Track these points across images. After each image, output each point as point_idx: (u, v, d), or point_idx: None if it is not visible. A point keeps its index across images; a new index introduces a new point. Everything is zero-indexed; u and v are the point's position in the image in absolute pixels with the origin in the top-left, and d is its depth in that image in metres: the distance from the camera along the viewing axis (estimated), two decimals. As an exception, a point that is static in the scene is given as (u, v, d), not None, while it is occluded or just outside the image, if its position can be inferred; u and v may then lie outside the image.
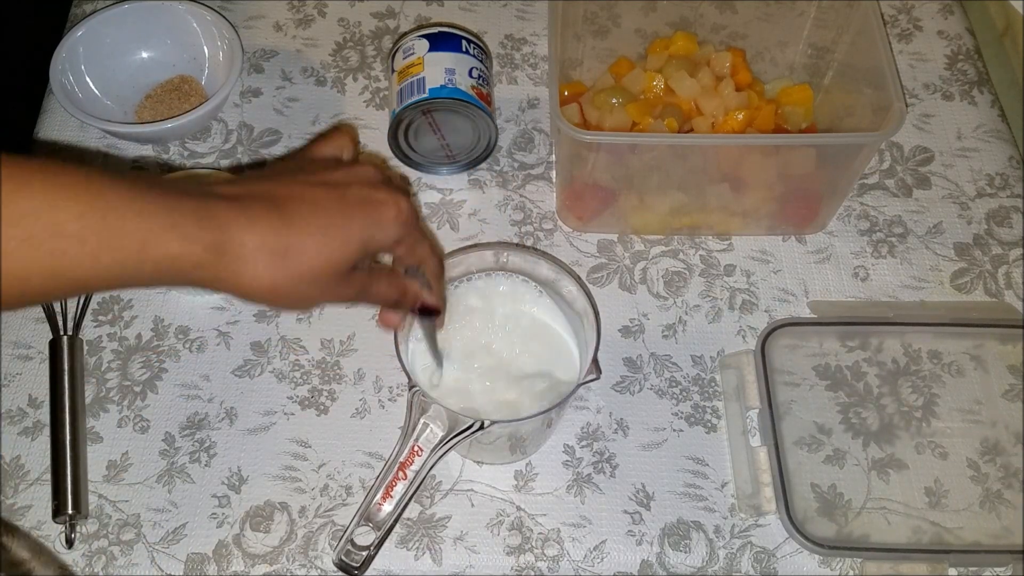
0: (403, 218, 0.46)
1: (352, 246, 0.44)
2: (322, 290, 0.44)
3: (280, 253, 0.41)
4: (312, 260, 0.42)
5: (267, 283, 0.42)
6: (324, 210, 0.43)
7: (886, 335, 0.66)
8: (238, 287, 0.42)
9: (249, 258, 0.41)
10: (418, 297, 0.51)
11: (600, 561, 0.59)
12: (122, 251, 0.38)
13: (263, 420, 0.63)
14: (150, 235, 0.38)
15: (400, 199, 0.47)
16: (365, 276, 0.47)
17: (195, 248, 0.39)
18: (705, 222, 0.71)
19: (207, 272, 0.40)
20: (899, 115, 0.61)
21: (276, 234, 0.42)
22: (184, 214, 0.40)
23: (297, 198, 0.43)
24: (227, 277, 0.41)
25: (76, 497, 0.59)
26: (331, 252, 0.43)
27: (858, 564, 0.59)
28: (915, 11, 0.84)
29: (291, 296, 0.43)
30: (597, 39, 0.76)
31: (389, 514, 0.51)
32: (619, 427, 0.64)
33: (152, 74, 0.77)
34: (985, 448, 0.63)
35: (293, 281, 0.42)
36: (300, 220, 0.42)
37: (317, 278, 0.43)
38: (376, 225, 0.45)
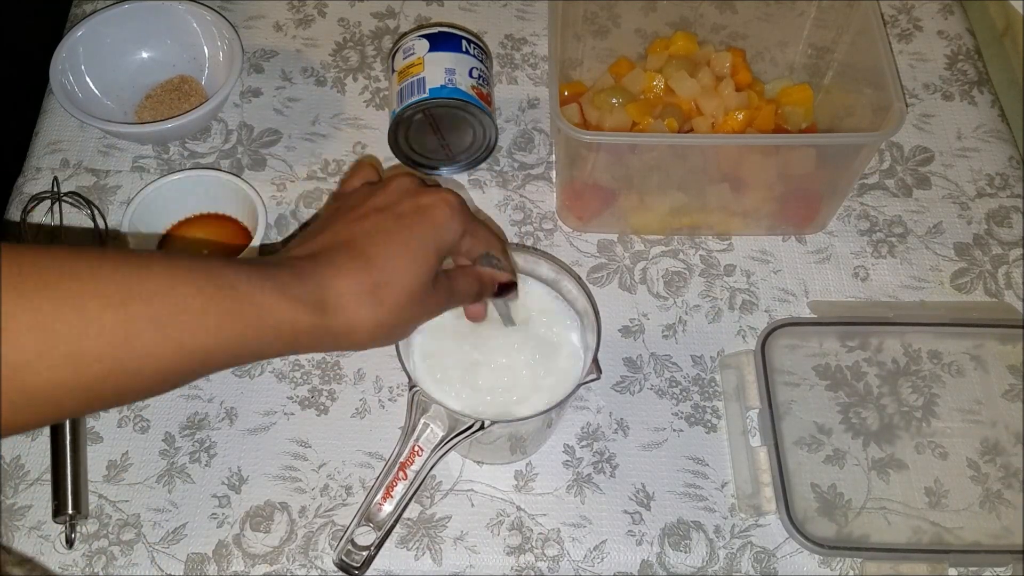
0: (456, 212, 0.48)
1: (429, 256, 0.46)
2: (420, 308, 0.46)
3: (374, 290, 0.43)
4: (403, 285, 0.44)
5: (374, 321, 0.43)
6: (391, 236, 0.45)
7: (886, 335, 0.66)
8: (350, 337, 0.43)
9: (351, 305, 0.43)
10: (495, 280, 0.52)
11: (600, 561, 0.59)
12: (243, 321, 0.40)
13: (263, 420, 0.63)
14: (264, 302, 0.40)
15: (447, 195, 0.48)
16: (447, 281, 0.48)
17: (304, 309, 0.41)
18: (705, 222, 0.71)
19: (319, 331, 0.42)
20: (899, 115, 0.61)
21: (365, 274, 0.43)
22: (285, 279, 0.42)
23: (362, 235, 0.45)
24: (340, 329, 0.43)
25: (76, 497, 0.59)
26: (415, 270, 0.45)
27: (858, 564, 0.59)
28: (915, 11, 0.84)
29: (397, 327, 0.45)
30: (597, 39, 0.76)
31: (389, 514, 0.51)
32: (619, 427, 0.64)
33: (152, 74, 0.77)
34: (985, 448, 0.63)
35: (395, 312, 0.44)
36: (377, 254, 0.44)
37: (413, 299, 0.45)
38: (438, 228, 0.47)
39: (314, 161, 0.74)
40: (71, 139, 0.75)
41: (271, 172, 0.74)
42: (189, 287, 0.39)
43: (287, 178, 0.73)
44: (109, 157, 0.74)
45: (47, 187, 0.71)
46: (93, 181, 0.73)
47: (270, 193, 0.72)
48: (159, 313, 0.38)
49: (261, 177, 0.73)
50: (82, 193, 0.71)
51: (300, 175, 0.74)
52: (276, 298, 0.41)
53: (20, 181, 0.73)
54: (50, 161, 0.74)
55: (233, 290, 0.40)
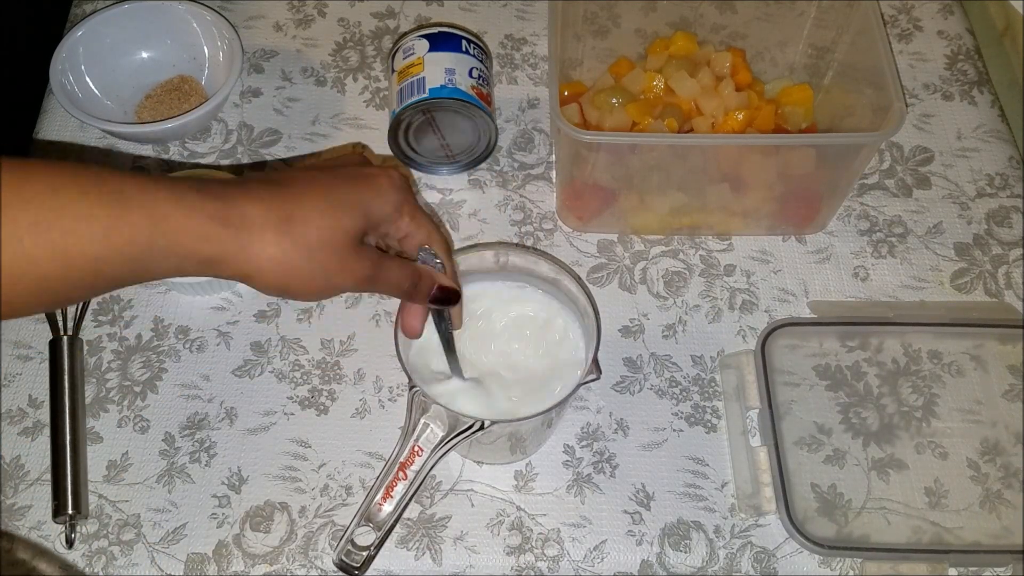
0: (397, 185, 0.47)
1: (355, 212, 0.44)
2: (336, 262, 0.43)
3: (285, 220, 0.41)
4: (318, 227, 0.42)
5: (279, 255, 0.41)
6: (320, 183, 0.44)
7: (886, 335, 0.66)
8: (250, 263, 0.41)
9: (256, 229, 0.40)
10: (433, 279, 0.50)
11: (600, 561, 0.59)
12: (132, 226, 0.38)
13: (263, 420, 0.63)
14: (156, 208, 0.38)
15: (391, 171, 0.47)
16: (376, 254, 0.46)
17: (201, 220, 0.39)
18: (705, 222, 0.71)
19: (216, 247, 0.40)
20: (899, 115, 0.61)
21: (280, 203, 0.41)
22: (185, 191, 0.39)
23: (291, 178, 0.44)
24: (236, 252, 0.40)
25: (76, 497, 0.59)
26: (335, 217, 0.43)
27: (858, 564, 0.59)
28: (915, 11, 0.84)
29: (306, 270, 0.42)
30: (597, 39, 0.76)
31: (389, 514, 0.51)
32: (619, 427, 0.64)
33: (152, 74, 0.77)
34: (985, 448, 0.63)
35: (303, 253, 0.42)
36: (299, 192, 0.43)
37: (326, 245, 0.42)
38: (373, 192, 0.45)
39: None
40: (71, 139, 0.75)
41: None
42: (72, 191, 0.37)
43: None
44: (109, 157, 0.74)
45: (47, 187, 0.71)
46: (93, 181, 0.73)
47: (270, 193, 0.72)
48: (38, 218, 0.36)
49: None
50: (82, 193, 0.71)
51: (300, 175, 0.74)
52: (171, 205, 0.39)
53: (20, 181, 0.73)
54: (50, 161, 0.74)
55: (121, 194, 0.38)
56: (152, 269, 0.40)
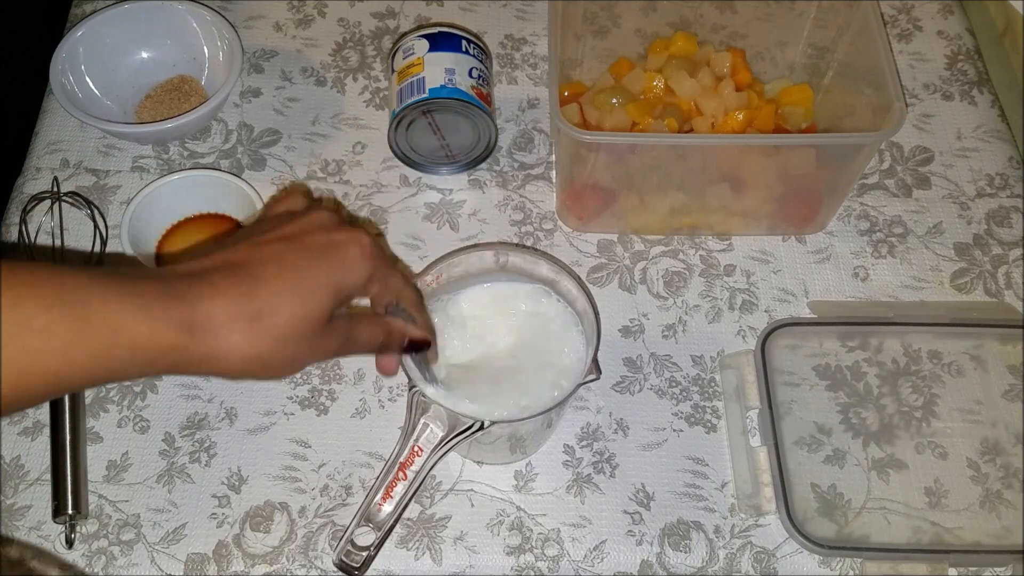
0: (367, 254, 0.45)
1: (325, 294, 0.43)
2: (305, 348, 0.43)
3: (254, 317, 0.40)
4: (288, 318, 0.41)
5: (248, 352, 0.40)
6: (288, 265, 0.42)
7: (886, 335, 0.66)
8: (218, 364, 0.40)
9: (223, 330, 0.39)
10: (404, 333, 0.50)
11: (600, 561, 0.59)
12: (92, 340, 0.37)
13: (263, 420, 0.63)
14: (118, 321, 0.37)
15: (360, 236, 0.46)
16: (345, 324, 0.46)
17: (165, 329, 0.38)
18: (705, 222, 0.71)
19: (183, 354, 0.39)
20: (899, 115, 0.61)
21: (246, 300, 0.40)
22: (149, 296, 0.38)
23: (258, 260, 0.42)
24: (204, 354, 0.39)
25: (76, 497, 0.59)
26: (305, 305, 0.42)
27: (858, 564, 0.59)
28: (915, 11, 0.84)
29: (275, 361, 0.42)
30: (597, 39, 0.76)
31: (389, 514, 0.51)
32: (619, 427, 0.64)
33: (152, 74, 0.77)
34: (985, 448, 0.63)
35: (273, 345, 0.41)
36: (266, 281, 0.41)
37: (297, 336, 0.42)
38: (343, 268, 0.44)
39: (314, 161, 0.74)
40: (71, 139, 0.75)
41: (271, 172, 0.74)
42: (36, 305, 0.36)
43: (287, 178, 0.73)
44: (109, 157, 0.74)
45: (47, 187, 0.71)
46: (93, 181, 0.73)
47: (270, 193, 0.72)
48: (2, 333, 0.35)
49: (261, 177, 0.73)
50: (82, 193, 0.71)
51: (300, 175, 0.74)
52: (133, 316, 0.37)
53: (20, 181, 0.73)
54: (50, 161, 0.74)
55: (84, 306, 0.37)
56: (113, 377, 0.39)
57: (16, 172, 0.74)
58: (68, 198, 0.71)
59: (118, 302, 0.37)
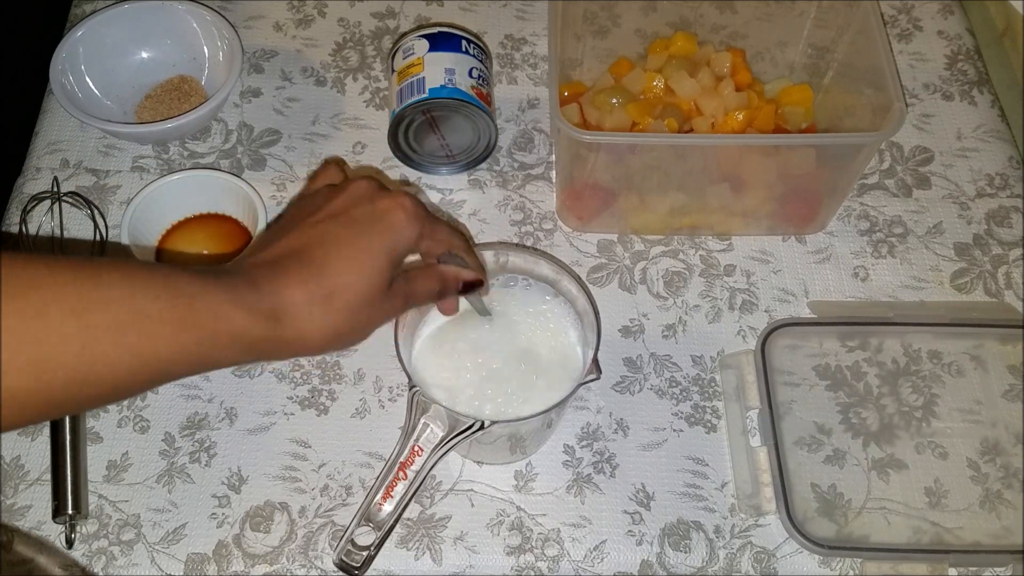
0: (412, 214, 0.48)
1: (382, 261, 0.46)
2: (375, 313, 0.46)
3: (327, 298, 0.44)
4: (356, 292, 0.45)
5: (329, 330, 0.44)
6: (343, 243, 0.45)
7: (886, 335, 0.66)
8: (305, 345, 0.44)
9: (304, 314, 0.43)
10: (459, 278, 0.53)
11: (600, 561, 0.59)
12: (199, 329, 0.40)
13: (263, 420, 0.63)
14: (220, 310, 0.40)
15: (403, 199, 0.48)
16: (404, 283, 0.49)
17: (257, 319, 0.41)
18: (705, 222, 0.71)
19: (273, 340, 0.43)
20: (899, 115, 0.61)
21: (316, 283, 0.44)
22: (241, 289, 0.42)
23: (316, 242, 0.45)
24: (292, 338, 0.43)
25: (76, 497, 0.59)
26: (367, 276, 0.45)
27: (858, 564, 0.59)
28: (915, 11, 0.84)
29: (351, 331, 0.46)
30: (597, 39, 0.76)
31: (389, 514, 0.51)
32: (619, 427, 0.64)
33: (152, 74, 0.77)
34: (985, 448, 0.63)
35: (348, 320, 0.45)
36: (328, 262, 0.44)
37: (366, 306, 0.45)
38: (393, 233, 0.47)
39: (314, 161, 0.74)
40: (71, 139, 0.75)
41: (271, 172, 0.74)
42: (146, 295, 0.39)
43: (287, 178, 0.73)
44: (109, 157, 0.74)
45: (47, 187, 0.71)
46: (93, 181, 0.73)
47: (270, 193, 0.72)
48: (114, 321, 0.38)
49: (261, 177, 0.73)
50: (82, 193, 0.71)
51: (300, 175, 0.74)
52: (231, 307, 0.41)
53: (20, 181, 0.73)
54: (50, 161, 0.74)
55: (190, 298, 0.40)
56: (210, 364, 0.42)
57: (16, 172, 0.74)
58: (68, 198, 0.71)
59: (217, 294, 0.41)
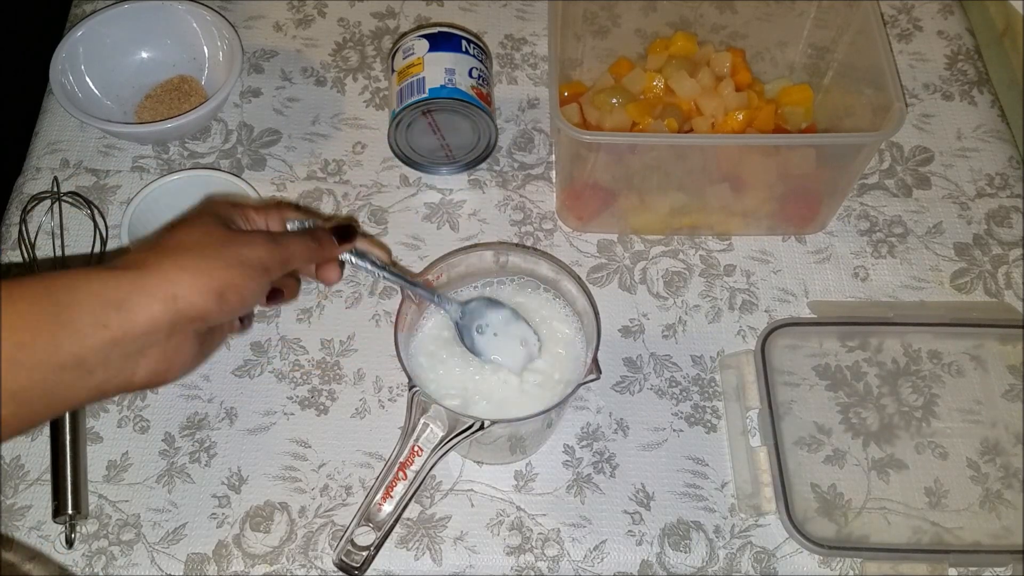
0: (223, 200, 0.50)
1: (205, 217, 0.47)
2: (235, 248, 0.46)
3: (173, 250, 0.44)
4: (192, 241, 0.45)
5: (191, 261, 0.44)
6: (176, 225, 0.47)
7: (886, 335, 0.66)
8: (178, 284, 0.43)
9: (162, 261, 0.44)
10: (324, 228, 0.52)
11: (600, 561, 0.59)
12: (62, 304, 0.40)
13: (263, 420, 0.63)
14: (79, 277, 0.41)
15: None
16: (268, 236, 0.48)
17: (116, 270, 0.42)
18: (705, 222, 0.71)
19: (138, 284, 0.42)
20: (899, 115, 0.61)
21: (158, 244, 0.45)
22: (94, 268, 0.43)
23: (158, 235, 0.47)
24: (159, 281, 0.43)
25: (76, 497, 0.59)
26: (194, 228, 0.46)
27: (858, 564, 0.59)
28: (915, 11, 0.84)
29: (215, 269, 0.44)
30: (597, 39, 0.76)
31: (389, 514, 0.51)
32: (619, 427, 0.64)
33: (152, 74, 0.77)
34: (985, 448, 0.63)
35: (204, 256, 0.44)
36: (165, 234, 0.46)
37: (216, 244, 0.45)
38: (206, 204, 0.50)
39: (314, 161, 0.74)
40: (71, 139, 0.75)
41: (271, 172, 0.74)
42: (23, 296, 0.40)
43: (287, 178, 0.73)
44: (109, 157, 0.74)
45: (47, 187, 0.71)
46: (93, 181, 0.73)
47: (270, 193, 0.72)
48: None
49: (261, 177, 0.73)
50: (82, 193, 0.71)
51: (300, 175, 0.74)
52: (89, 272, 0.41)
53: (20, 181, 0.73)
54: (50, 161, 0.74)
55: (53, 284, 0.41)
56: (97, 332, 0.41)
57: (16, 172, 0.74)
58: (68, 198, 0.71)
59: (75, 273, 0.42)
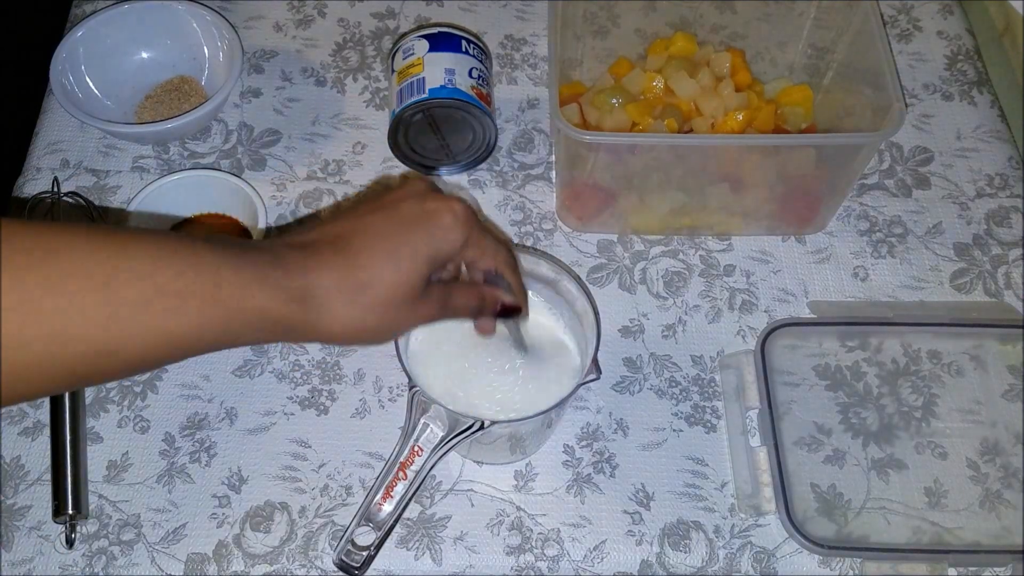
0: (461, 219, 0.46)
1: (420, 261, 0.45)
2: (405, 314, 0.45)
3: (357, 288, 0.43)
4: (388, 287, 0.43)
5: (355, 321, 0.43)
6: (385, 236, 0.44)
7: (886, 335, 0.66)
8: (330, 332, 0.43)
9: (329, 300, 0.42)
10: (497, 300, 0.51)
11: (600, 561, 0.59)
12: (222, 307, 0.39)
13: (263, 420, 0.63)
14: (244, 289, 0.40)
15: (453, 203, 0.47)
16: (442, 291, 0.47)
17: (282, 297, 0.41)
18: (705, 222, 0.71)
19: (295, 320, 0.42)
20: (899, 115, 0.61)
21: (349, 271, 0.43)
22: (266, 267, 0.41)
23: (358, 232, 0.44)
24: (317, 323, 0.42)
25: (76, 497, 0.59)
26: (402, 272, 0.44)
27: (858, 564, 0.59)
28: (915, 11, 0.84)
29: (378, 327, 0.45)
30: (597, 39, 0.76)
31: (389, 514, 0.51)
32: (619, 427, 0.64)
33: (152, 74, 0.77)
34: (985, 448, 0.63)
35: (376, 315, 0.44)
36: (364, 253, 0.43)
37: (397, 302, 0.44)
38: (438, 235, 0.46)
39: (314, 161, 0.74)
40: (71, 139, 0.75)
41: (271, 172, 0.74)
42: (170, 270, 0.38)
43: (287, 178, 0.73)
44: (109, 157, 0.74)
45: (47, 187, 0.71)
46: (93, 181, 0.73)
47: (270, 193, 0.72)
48: (140, 296, 0.37)
49: (261, 177, 0.73)
50: (82, 193, 0.71)
51: (300, 175, 0.74)
52: (257, 286, 0.40)
53: (20, 181, 0.73)
54: (50, 161, 0.74)
55: (214, 275, 0.39)
56: (237, 341, 0.42)
57: (16, 172, 0.74)
58: (68, 198, 0.71)
59: (241, 271, 0.40)
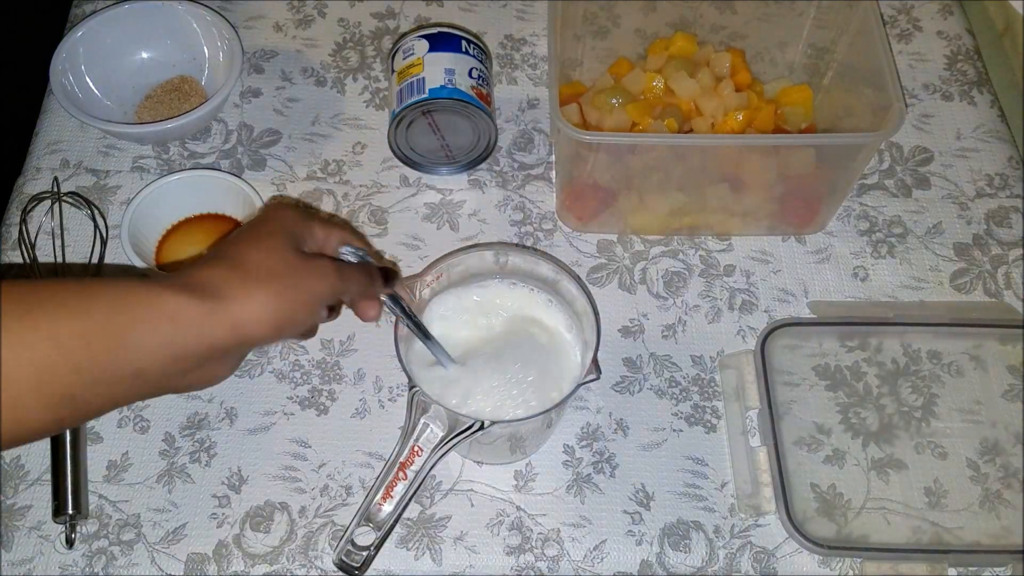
0: (293, 207, 0.51)
1: (279, 238, 0.47)
2: (306, 279, 0.46)
3: (245, 272, 0.45)
4: (267, 264, 0.45)
5: (264, 297, 0.44)
6: (243, 235, 0.48)
7: (886, 335, 0.66)
8: (251, 313, 0.44)
9: (234, 288, 0.44)
10: (376, 268, 0.52)
11: (600, 561, 0.59)
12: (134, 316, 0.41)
13: (263, 420, 0.63)
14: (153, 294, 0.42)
15: (284, 206, 0.50)
16: (331, 261, 0.49)
17: (191, 295, 0.43)
18: (705, 222, 0.71)
19: (214, 314, 0.43)
20: (899, 115, 0.61)
21: (230, 262, 0.45)
22: (166, 279, 0.44)
23: (225, 243, 0.48)
24: (236, 311, 0.43)
25: (76, 497, 0.59)
26: (269, 249, 0.46)
27: (858, 564, 0.59)
28: (915, 11, 0.84)
29: (295, 297, 0.46)
30: (597, 39, 0.76)
31: (389, 514, 0.51)
32: (619, 427, 0.64)
33: (152, 74, 0.77)
34: (985, 448, 0.63)
35: (278, 286, 0.45)
36: (233, 246, 0.47)
37: (288, 271, 0.46)
38: (282, 219, 0.49)
39: (314, 161, 0.74)
40: (71, 139, 0.75)
41: (271, 172, 0.74)
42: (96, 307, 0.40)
43: (287, 178, 0.73)
44: (109, 157, 0.74)
45: (47, 187, 0.71)
46: (93, 181, 0.73)
47: (270, 193, 0.72)
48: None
49: (261, 177, 0.73)
50: (82, 193, 0.71)
51: (300, 175, 0.74)
52: (161, 289, 0.42)
53: (20, 181, 0.73)
54: (50, 161, 0.74)
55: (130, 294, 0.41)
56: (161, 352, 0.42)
57: (16, 172, 0.74)
58: (68, 198, 0.71)
59: (148, 285, 0.43)
